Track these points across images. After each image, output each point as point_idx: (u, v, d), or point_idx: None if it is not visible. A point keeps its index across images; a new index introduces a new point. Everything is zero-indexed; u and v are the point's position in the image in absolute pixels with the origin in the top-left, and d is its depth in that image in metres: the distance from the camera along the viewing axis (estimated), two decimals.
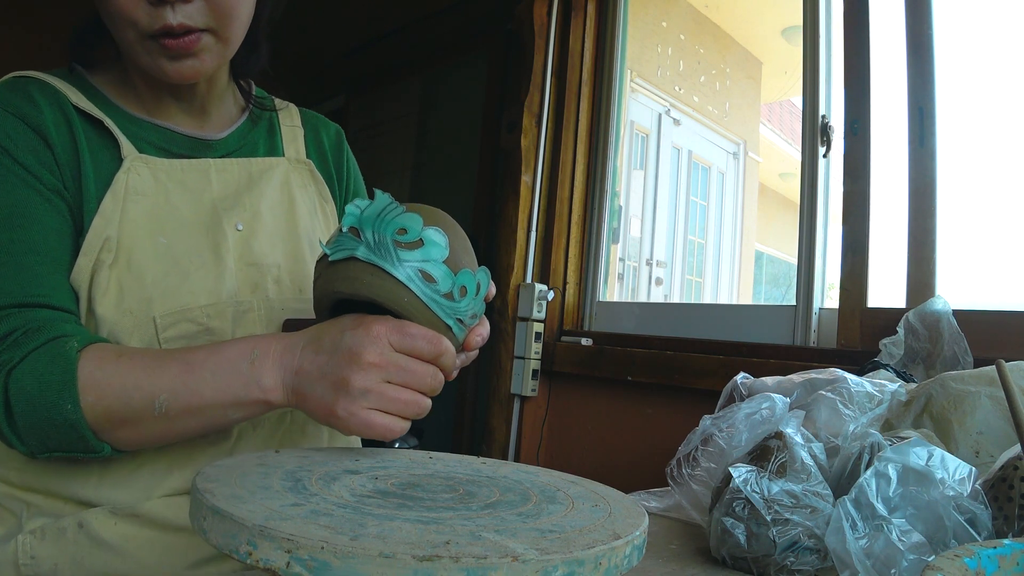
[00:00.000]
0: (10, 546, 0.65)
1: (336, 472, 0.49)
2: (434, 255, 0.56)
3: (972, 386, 0.73)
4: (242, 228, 0.75)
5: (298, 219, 0.80)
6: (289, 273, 0.77)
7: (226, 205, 0.74)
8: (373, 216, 0.56)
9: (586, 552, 0.37)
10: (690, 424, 0.84)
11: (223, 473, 0.45)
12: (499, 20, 2.04)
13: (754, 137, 3.47)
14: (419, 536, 0.36)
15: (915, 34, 1.25)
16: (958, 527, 0.54)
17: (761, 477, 0.60)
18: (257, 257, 0.75)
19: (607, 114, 1.88)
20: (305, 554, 0.33)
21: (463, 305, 0.58)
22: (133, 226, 0.68)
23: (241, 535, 0.35)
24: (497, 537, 0.37)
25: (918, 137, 1.22)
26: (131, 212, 0.68)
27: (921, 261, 1.20)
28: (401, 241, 0.55)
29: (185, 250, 0.70)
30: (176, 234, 0.70)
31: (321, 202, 0.84)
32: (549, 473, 0.56)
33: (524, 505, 0.45)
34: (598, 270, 1.85)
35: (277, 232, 0.78)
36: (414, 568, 0.32)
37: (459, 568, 0.33)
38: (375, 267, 0.54)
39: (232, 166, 0.77)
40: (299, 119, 0.88)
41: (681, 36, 2.76)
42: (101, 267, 0.66)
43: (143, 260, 0.68)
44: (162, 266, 0.68)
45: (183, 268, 0.69)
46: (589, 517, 0.44)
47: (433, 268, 0.56)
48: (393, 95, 2.52)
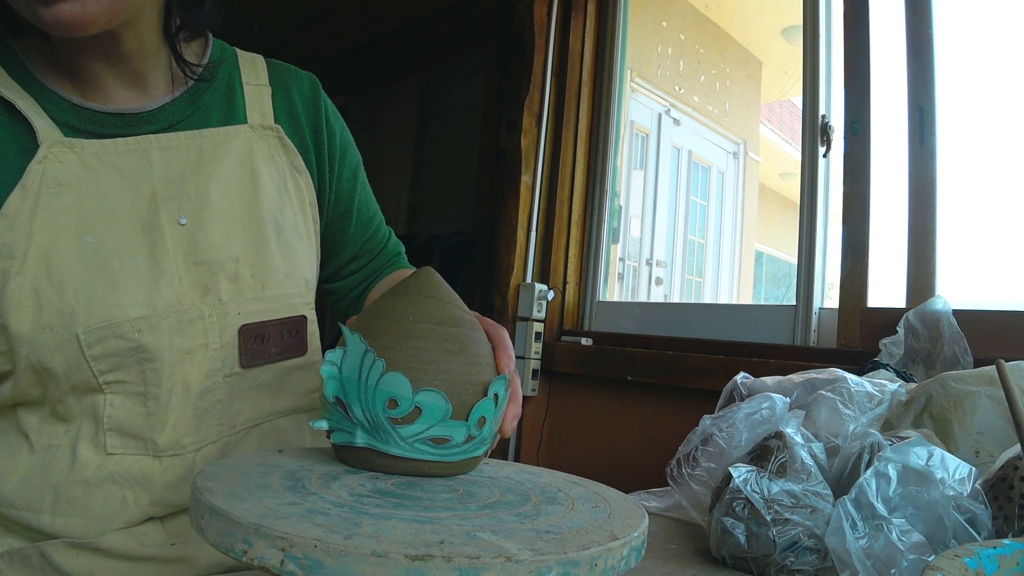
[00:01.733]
0: None
1: (336, 472, 0.49)
2: (436, 419, 0.48)
3: (972, 386, 0.73)
4: (185, 222, 0.64)
5: (261, 199, 0.68)
6: (250, 266, 0.67)
7: (167, 194, 0.64)
8: (355, 382, 0.48)
9: (581, 553, 0.36)
10: (690, 424, 0.84)
11: (223, 472, 0.45)
12: (499, 20, 2.04)
13: (754, 137, 3.47)
14: (413, 535, 0.35)
15: (915, 34, 1.25)
16: (958, 527, 0.54)
17: (761, 477, 0.60)
18: (205, 254, 0.64)
19: (607, 114, 1.88)
20: (299, 552, 0.33)
21: (486, 432, 0.52)
22: (52, 224, 0.58)
23: (237, 533, 0.35)
24: (492, 537, 0.37)
25: (918, 137, 1.22)
26: (50, 208, 0.59)
27: (921, 261, 1.20)
28: (396, 417, 0.48)
29: (115, 251, 0.60)
30: (107, 232, 0.60)
31: (293, 173, 0.73)
32: (552, 474, 0.56)
33: (523, 506, 0.45)
34: (598, 270, 1.85)
35: (234, 218, 0.66)
36: (406, 567, 0.32)
37: (451, 568, 0.33)
38: (378, 452, 0.49)
39: (178, 141, 0.65)
40: (266, 75, 0.74)
41: (681, 36, 2.77)
42: (7, 277, 0.57)
43: (64, 265, 0.58)
44: (87, 272, 0.59)
45: (112, 273, 0.60)
46: (588, 518, 0.43)
47: (440, 430, 0.49)
48: (393, 95, 2.52)
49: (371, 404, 0.48)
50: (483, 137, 2.11)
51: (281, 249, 0.70)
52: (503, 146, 1.87)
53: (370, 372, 0.48)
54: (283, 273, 0.69)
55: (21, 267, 0.57)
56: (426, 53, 2.40)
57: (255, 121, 0.71)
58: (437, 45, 2.36)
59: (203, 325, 0.63)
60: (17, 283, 0.57)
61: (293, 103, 0.75)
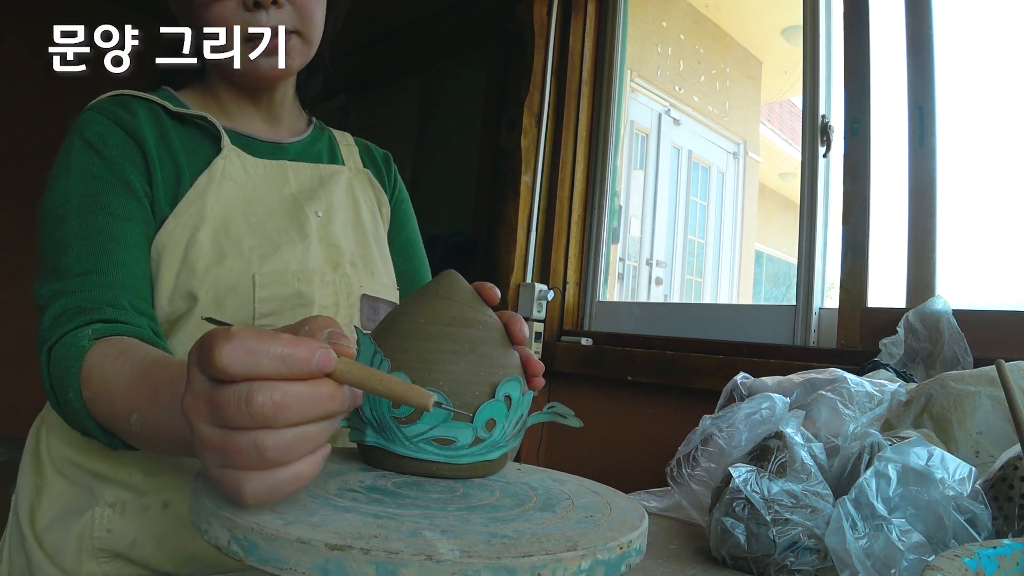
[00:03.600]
0: (83, 518, 0.67)
1: (347, 469, 0.49)
2: (438, 419, 0.48)
3: (972, 386, 0.73)
4: (321, 215, 0.81)
5: (362, 216, 0.87)
6: (362, 259, 0.84)
7: (304, 196, 0.82)
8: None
9: (518, 560, 0.34)
10: (690, 424, 0.84)
11: None
12: (499, 20, 2.04)
13: (754, 137, 3.47)
14: (357, 528, 0.36)
15: (915, 34, 1.25)
16: (958, 527, 0.54)
17: (761, 477, 0.60)
18: (335, 239, 0.81)
19: (607, 114, 1.88)
20: (240, 534, 0.36)
21: (498, 434, 0.50)
22: (228, 202, 0.75)
23: (202, 515, 0.39)
24: (433, 535, 0.36)
25: (918, 137, 1.22)
26: (226, 191, 0.75)
27: (921, 261, 1.20)
28: (400, 417, 0.48)
29: (275, 228, 0.77)
30: (265, 215, 0.77)
31: (379, 206, 0.92)
32: (580, 482, 0.53)
33: (509, 510, 0.43)
34: (598, 270, 1.85)
35: (348, 223, 0.85)
36: (325, 556, 0.34)
37: (368, 560, 0.33)
38: (387, 451, 0.49)
39: (304, 168, 0.84)
40: (352, 140, 0.96)
41: (681, 36, 2.76)
42: (197, 231, 0.71)
43: (238, 230, 0.74)
44: (256, 238, 0.75)
45: (274, 242, 0.76)
46: (562, 526, 0.40)
47: (444, 431, 0.49)
48: (393, 95, 2.52)
49: (377, 403, 0.48)
50: (483, 137, 2.11)
51: (379, 251, 0.88)
52: (503, 146, 1.87)
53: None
54: (382, 270, 0.87)
55: (205, 224, 0.72)
56: (426, 53, 2.40)
57: (351, 165, 0.91)
58: (437, 45, 2.36)
59: (336, 288, 0.78)
60: (203, 234, 0.71)
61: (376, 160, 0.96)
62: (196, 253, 0.71)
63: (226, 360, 0.34)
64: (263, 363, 0.35)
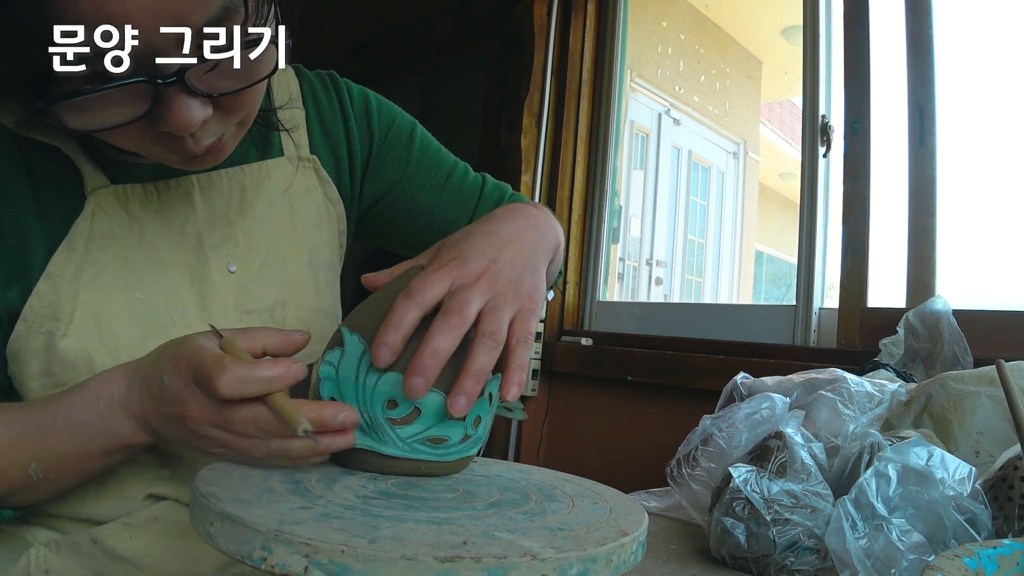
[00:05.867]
0: (21, 560, 0.60)
1: (334, 473, 0.48)
2: (434, 420, 0.48)
3: (972, 386, 0.73)
4: (235, 269, 0.64)
5: (299, 238, 0.69)
6: (294, 309, 0.67)
7: (215, 240, 0.63)
8: (352, 381, 0.47)
9: (598, 549, 0.37)
10: (690, 424, 0.84)
11: (222, 476, 0.44)
12: (499, 20, 2.04)
13: (754, 137, 3.47)
14: (435, 537, 0.35)
15: (915, 34, 1.25)
16: (958, 527, 0.54)
17: (761, 477, 0.60)
18: (256, 302, 0.64)
19: (607, 114, 1.88)
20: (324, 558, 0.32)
21: (481, 431, 0.51)
22: (99, 282, 0.58)
23: (255, 540, 0.34)
24: (511, 536, 0.37)
25: (918, 137, 1.22)
26: (96, 264, 0.58)
27: (921, 261, 1.20)
28: (395, 418, 0.47)
29: (165, 304, 0.60)
30: (154, 285, 0.60)
31: (327, 205, 0.72)
32: (542, 472, 0.56)
33: (526, 504, 0.45)
34: (598, 270, 1.85)
35: (278, 261, 0.67)
36: (436, 569, 0.32)
37: (480, 568, 0.33)
38: (374, 452, 0.48)
39: (220, 180, 0.64)
40: (298, 92, 0.71)
41: (681, 36, 2.76)
42: (53, 340, 0.56)
43: (115, 325, 0.58)
44: (139, 330, 0.58)
45: (163, 329, 0.59)
46: (592, 515, 0.44)
47: (438, 431, 0.48)
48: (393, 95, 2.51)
49: (369, 404, 0.47)
50: (483, 137, 2.11)
51: (317, 288, 0.70)
52: (503, 146, 1.87)
53: (368, 373, 0.47)
54: (322, 312, 0.70)
55: (67, 329, 0.56)
56: (426, 53, 2.40)
57: (291, 152, 0.69)
58: (437, 45, 2.36)
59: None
60: (65, 345, 0.56)
61: (325, 120, 0.73)
62: (60, 364, 0.56)
63: (224, 390, 0.44)
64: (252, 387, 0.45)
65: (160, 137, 0.50)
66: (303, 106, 0.71)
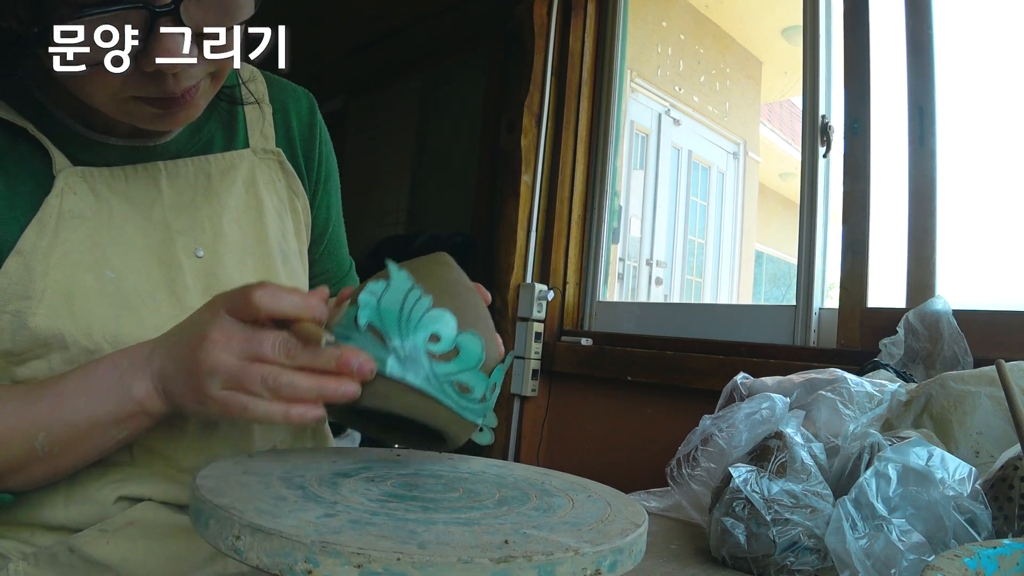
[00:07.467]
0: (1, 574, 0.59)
1: (327, 475, 0.48)
2: (471, 364, 0.49)
3: (972, 386, 0.73)
4: (202, 254, 0.64)
5: (267, 227, 0.70)
6: None
7: (181, 225, 0.64)
8: (395, 312, 0.48)
9: (624, 540, 0.39)
10: (690, 424, 0.84)
11: (221, 484, 0.43)
12: (499, 20, 2.04)
13: (754, 137, 3.47)
14: (476, 538, 0.37)
15: (915, 34, 1.25)
16: (958, 527, 0.54)
17: (761, 477, 0.60)
18: (224, 286, 0.64)
19: (607, 114, 1.88)
20: (379, 567, 0.31)
21: (490, 401, 0.53)
22: (69, 260, 0.58)
23: (296, 553, 0.33)
24: (541, 533, 0.39)
25: (918, 137, 1.22)
26: (67, 242, 0.58)
27: (921, 261, 1.20)
28: (435, 352, 0.48)
29: (136, 288, 0.60)
30: (124, 265, 0.60)
31: (291, 197, 0.73)
32: (523, 467, 0.58)
33: (531, 501, 0.47)
34: (598, 270, 1.85)
35: (245, 248, 0.68)
36: (491, 570, 0.33)
37: (531, 566, 0.34)
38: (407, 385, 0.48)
39: (186, 169, 0.66)
40: (266, 93, 0.74)
41: (681, 36, 2.76)
42: (23, 318, 0.56)
43: (88, 305, 0.58)
44: (111, 309, 0.59)
45: (136, 311, 0.60)
46: (595, 509, 0.46)
47: (469, 378, 0.49)
48: (393, 95, 2.52)
49: (412, 335, 0.48)
50: (483, 137, 2.10)
51: (287, 275, 0.71)
52: (503, 146, 1.87)
53: (415, 306, 0.49)
54: None
55: (38, 307, 0.56)
56: (426, 53, 2.40)
57: (256, 145, 0.72)
58: (437, 45, 2.36)
59: None
60: (36, 323, 0.56)
61: (290, 125, 0.76)
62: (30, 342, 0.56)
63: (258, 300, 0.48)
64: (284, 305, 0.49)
65: (144, 79, 0.52)
66: (269, 103, 0.74)
